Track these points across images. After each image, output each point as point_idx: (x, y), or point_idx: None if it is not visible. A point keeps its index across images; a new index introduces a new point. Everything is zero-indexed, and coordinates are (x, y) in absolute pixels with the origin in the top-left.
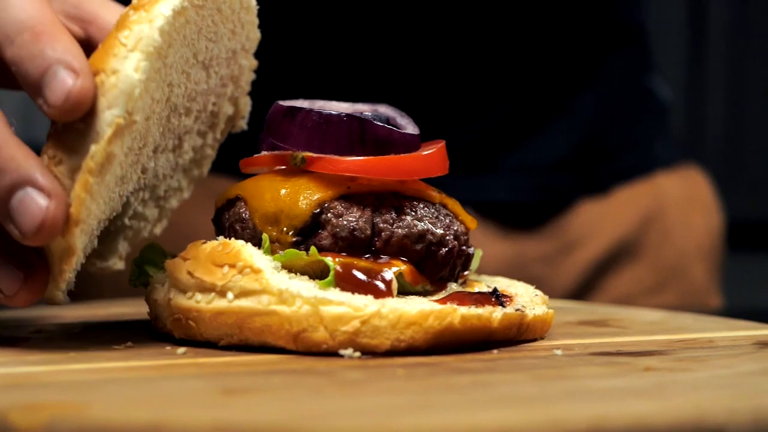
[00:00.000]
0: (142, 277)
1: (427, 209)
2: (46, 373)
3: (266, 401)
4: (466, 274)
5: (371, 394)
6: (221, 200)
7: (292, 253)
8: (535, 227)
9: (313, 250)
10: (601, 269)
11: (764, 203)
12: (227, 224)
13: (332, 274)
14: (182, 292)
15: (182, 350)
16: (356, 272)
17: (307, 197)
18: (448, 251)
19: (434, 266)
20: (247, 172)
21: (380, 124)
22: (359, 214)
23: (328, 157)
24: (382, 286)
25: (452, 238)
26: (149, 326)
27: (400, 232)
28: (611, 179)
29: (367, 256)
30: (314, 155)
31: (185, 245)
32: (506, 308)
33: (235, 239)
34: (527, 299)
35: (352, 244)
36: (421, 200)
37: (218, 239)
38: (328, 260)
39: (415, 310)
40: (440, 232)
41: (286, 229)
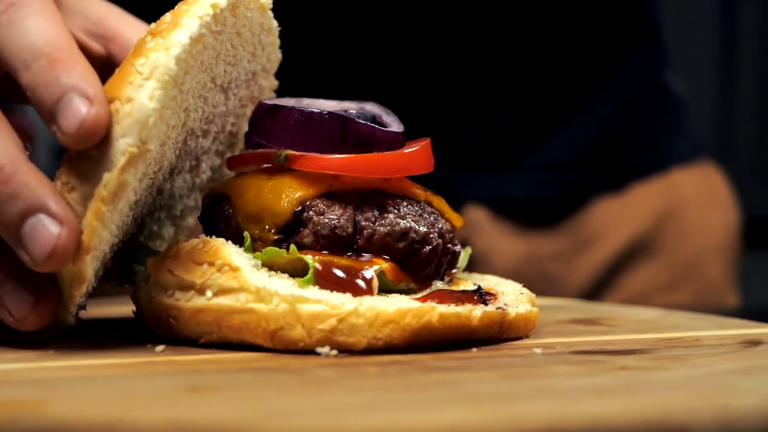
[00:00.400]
0: (129, 275)
1: (410, 207)
2: (19, 370)
3: (226, 399)
4: (454, 272)
5: (335, 392)
6: (207, 198)
7: (272, 251)
8: (550, 224)
9: (292, 248)
10: (616, 267)
11: None
12: (212, 222)
13: (311, 272)
14: (163, 290)
15: (161, 348)
16: (336, 270)
17: (288, 195)
18: (432, 249)
19: (418, 264)
20: (233, 170)
21: (362, 122)
22: (341, 212)
23: (310, 155)
24: (362, 284)
25: (436, 235)
26: (138, 324)
27: (382, 230)
28: (627, 176)
29: (349, 254)
30: (297, 153)
31: None
32: (487, 306)
33: (217, 237)
34: (512, 297)
35: (333, 242)
36: (404, 198)
37: (200, 237)
38: (307, 258)
39: (392, 308)
40: (424, 229)
41: (268, 227)
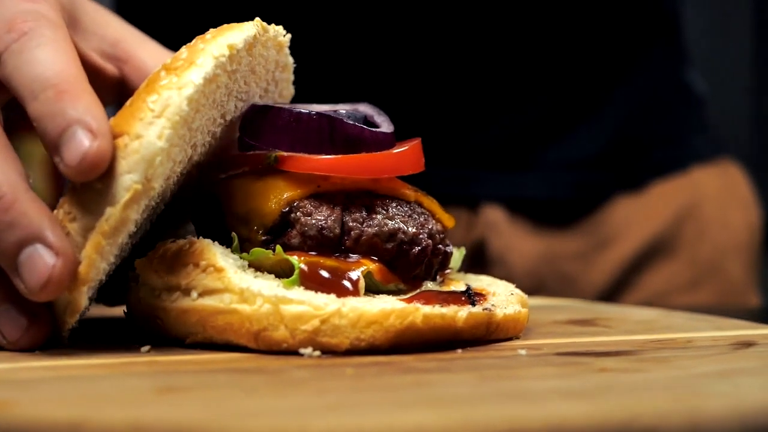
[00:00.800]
0: (122, 296)
1: (399, 208)
2: (1, 370)
3: (194, 400)
4: (447, 272)
5: (306, 393)
6: (197, 199)
7: (259, 251)
8: (568, 224)
9: (278, 249)
10: (635, 266)
11: None
12: (202, 223)
13: (297, 272)
14: (151, 290)
15: (146, 348)
16: (322, 271)
17: (276, 196)
18: (421, 250)
19: (407, 265)
20: (225, 172)
21: (351, 122)
22: (328, 212)
23: (298, 155)
24: (348, 285)
25: (426, 236)
26: (129, 324)
27: (369, 230)
28: (647, 175)
29: (337, 255)
30: (286, 154)
31: None
32: (474, 307)
33: (203, 238)
34: (503, 298)
35: (321, 243)
36: (394, 199)
37: (187, 238)
38: (293, 259)
39: (376, 309)
40: (413, 230)
41: (256, 227)
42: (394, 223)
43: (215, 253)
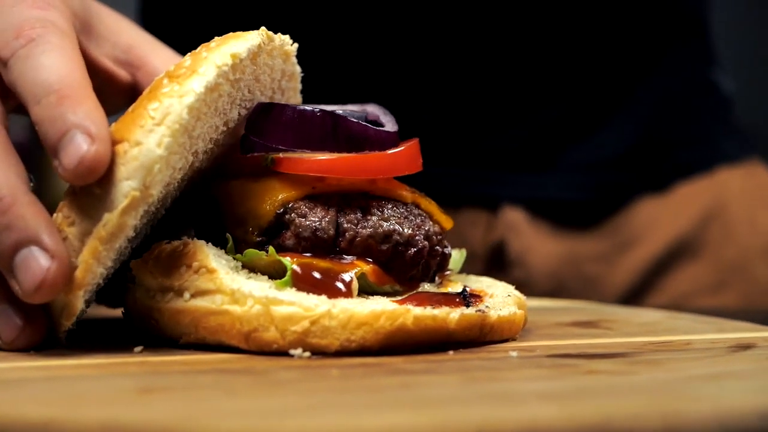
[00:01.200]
0: (122, 298)
1: (395, 209)
2: None
3: (171, 401)
4: (447, 273)
5: (286, 394)
6: (196, 201)
7: (252, 253)
8: (590, 225)
9: (271, 250)
10: (659, 268)
11: None
12: (201, 224)
13: (289, 274)
14: (146, 291)
15: (139, 348)
16: (315, 273)
17: (271, 197)
18: (417, 251)
19: (403, 266)
20: (227, 173)
21: (355, 120)
22: (323, 214)
23: (293, 156)
24: (341, 286)
25: (422, 238)
26: (127, 324)
27: (364, 232)
28: (671, 175)
29: (331, 256)
30: (282, 155)
31: None
32: (466, 309)
33: (198, 239)
34: (499, 300)
35: (315, 244)
36: (390, 200)
37: (182, 239)
38: (285, 260)
39: (366, 310)
40: (408, 232)
41: (251, 229)
42: (389, 224)
43: (208, 254)
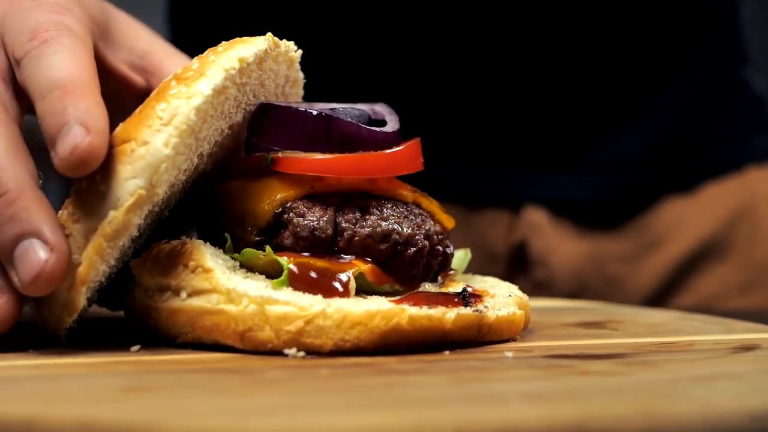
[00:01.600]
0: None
1: (395, 208)
2: None
3: (154, 400)
4: (451, 273)
5: (272, 394)
6: (197, 200)
7: (250, 252)
8: (613, 226)
9: (268, 249)
10: (685, 269)
11: None
12: (201, 224)
13: (285, 273)
14: (145, 290)
15: (136, 348)
16: (311, 272)
17: (269, 197)
18: (417, 251)
19: (402, 266)
20: (228, 173)
21: (348, 120)
22: (321, 213)
23: (292, 156)
24: (338, 286)
25: (422, 237)
26: (128, 323)
27: (363, 231)
28: (699, 175)
29: (330, 256)
30: (281, 155)
31: None
32: (463, 309)
33: (196, 239)
34: (500, 300)
35: (313, 243)
36: (390, 199)
37: (180, 239)
38: (282, 260)
39: (361, 310)
40: (408, 231)
41: (250, 228)
42: (388, 223)
43: (205, 253)
